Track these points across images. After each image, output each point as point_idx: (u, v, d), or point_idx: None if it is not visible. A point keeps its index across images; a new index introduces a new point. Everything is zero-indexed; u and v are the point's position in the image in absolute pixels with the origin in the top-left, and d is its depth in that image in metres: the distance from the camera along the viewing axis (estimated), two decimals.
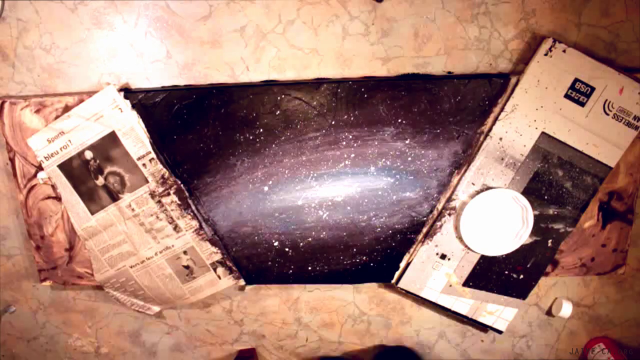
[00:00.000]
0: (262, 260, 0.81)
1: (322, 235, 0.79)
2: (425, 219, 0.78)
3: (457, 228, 0.77)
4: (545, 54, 0.70)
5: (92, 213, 0.78)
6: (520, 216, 0.75)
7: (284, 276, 0.83)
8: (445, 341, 0.91)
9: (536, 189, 0.75)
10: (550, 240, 0.78)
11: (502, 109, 0.72)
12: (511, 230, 0.76)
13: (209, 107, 0.74)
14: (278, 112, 0.74)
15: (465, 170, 0.75)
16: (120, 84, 0.76)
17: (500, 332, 0.84)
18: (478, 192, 0.75)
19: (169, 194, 0.76)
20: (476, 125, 0.74)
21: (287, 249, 0.81)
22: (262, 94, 0.73)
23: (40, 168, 0.78)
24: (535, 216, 0.75)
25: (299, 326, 0.91)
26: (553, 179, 0.74)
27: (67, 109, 0.74)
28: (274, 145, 0.75)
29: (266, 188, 0.77)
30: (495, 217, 0.76)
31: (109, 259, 0.81)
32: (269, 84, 0.74)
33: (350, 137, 0.75)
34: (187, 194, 0.77)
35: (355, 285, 0.87)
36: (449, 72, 0.74)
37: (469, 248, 0.77)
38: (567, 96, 0.71)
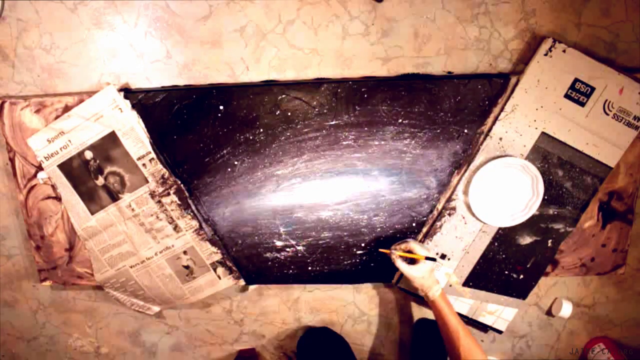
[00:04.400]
0: (262, 260, 0.81)
1: (322, 235, 0.79)
2: (425, 219, 0.78)
3: (467, 194, 0.75)
4: (545, 54, 0.70)
5: (92, 213, 0.78)
6: (530, 186, 0.74)
7: (284, 276, 0.83)
8: None
9: None
10: (550, 240, 0.78)
11: (502, 109, 0.72)
12: (521, 201, 0.75)
13: (209, 107, 0.74)
14: (278, 112, 0.74)
15: (465, 170, 0.75)
16: (120, 84, 0.76)
17: (500, 332, 0.84)
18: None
19: (169, 194, 0.76)
20: (476, 125, 0.74)
21: (287, 249, 0.81)
22: (262, 94, 0.73)
23: (40, 168, 0.78)
24: (535, 216, 0.75)
25: (299, 326, 0.91)
26: (553, 179, 0.74)
27: (67, 109, 0.74)
28: (274, 145, 0.75)
29: (266, 188, 0.77)
30: (505, 187, 0.75)
31: (109, 259, 0.81)
32: (269, 84, 0.74)
33: (351, 137, 0.75)
34: (187, 194, 0.77)
35: (355, 285, 0.87)
36: (449, 72, 0.74)
37: (478, 218, 0.76)
38: (567, 96, 0.71)
